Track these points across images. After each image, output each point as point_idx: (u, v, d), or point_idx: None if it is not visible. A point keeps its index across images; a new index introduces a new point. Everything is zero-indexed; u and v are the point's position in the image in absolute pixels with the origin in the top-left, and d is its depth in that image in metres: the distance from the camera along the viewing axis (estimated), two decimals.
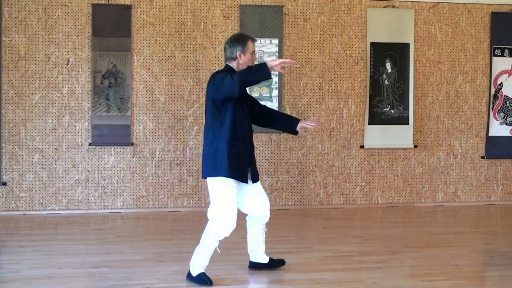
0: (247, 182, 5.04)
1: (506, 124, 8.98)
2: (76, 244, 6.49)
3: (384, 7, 8.69)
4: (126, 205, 8.21)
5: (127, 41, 8.13)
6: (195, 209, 8.31)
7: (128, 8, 8.14)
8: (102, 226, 7.47)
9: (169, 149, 8.28)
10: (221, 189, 4.93)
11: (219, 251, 5.08)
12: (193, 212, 8.24)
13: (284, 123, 5.43)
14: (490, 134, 8.95)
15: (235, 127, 4.93)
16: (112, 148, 8.18)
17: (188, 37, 8.29)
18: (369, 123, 8.67)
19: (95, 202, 8.14)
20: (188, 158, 8.31)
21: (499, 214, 8.50)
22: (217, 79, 4.86)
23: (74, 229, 7.28)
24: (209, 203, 5.05)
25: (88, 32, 8.07)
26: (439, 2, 8.81)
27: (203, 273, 5.01)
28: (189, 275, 5.07)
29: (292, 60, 4.92)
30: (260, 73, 4.76)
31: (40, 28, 7.99)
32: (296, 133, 5.38)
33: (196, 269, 5.01)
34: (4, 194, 7.97)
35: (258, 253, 5.38)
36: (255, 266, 5.41)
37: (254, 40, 5.07)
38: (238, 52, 4.97)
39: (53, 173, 8.05)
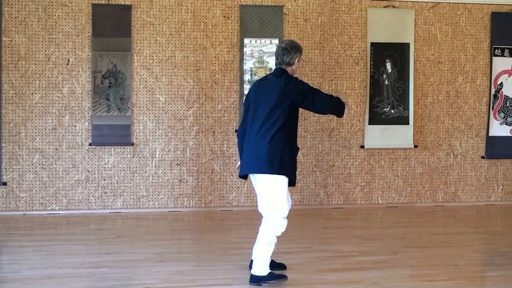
0: (295, 185, 5.30)
1: (506, 124, 8.98)
2: (76, 244, 6.49)
3: (384, 7, 8.68)
4: (126, 205, 8.21)
5: (127, 41, 8.13)
6: (195, 209, 8.31)
7: (128, 8, 8.14)
8: (102, 226, 7.47)
9: (169, 149, 8.28)
10: (284, 188, 5.07)
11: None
12: (193, 212, 8.24)
13: None
14: (490, 134, 8.95)
15: (296, 134, 5.22)
16: (112, 148, 8.18)
17: (188, 37, 8.29)
18: (369, 123, 8.67)
19: (95, 202, 8.14)
20: (188, 158, 8.31)
21: (499, 214, 8.50)
22: (306, 87, 5.12)
23: (74, 229, 7.29)
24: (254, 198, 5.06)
25: (88, 32, 8.07)
26: (439, 2, 8.81)
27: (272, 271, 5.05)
28: (256, 279, 4.99)
29: None
30: (342, 109, 5.27)
31: (40, 28, 7.99)
32: None
33: (265, 270, 5.00)
34: (4, 194, 7.97)
35: None
36: None
37: None
38: (297, 58, 5.25)
39: (53, 173, 8.05)
